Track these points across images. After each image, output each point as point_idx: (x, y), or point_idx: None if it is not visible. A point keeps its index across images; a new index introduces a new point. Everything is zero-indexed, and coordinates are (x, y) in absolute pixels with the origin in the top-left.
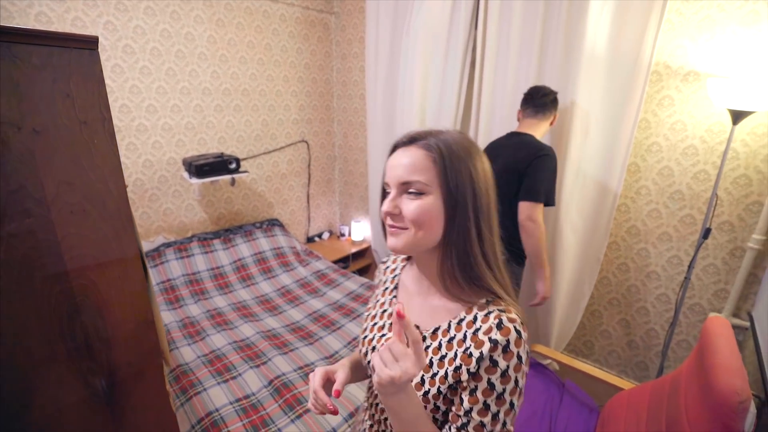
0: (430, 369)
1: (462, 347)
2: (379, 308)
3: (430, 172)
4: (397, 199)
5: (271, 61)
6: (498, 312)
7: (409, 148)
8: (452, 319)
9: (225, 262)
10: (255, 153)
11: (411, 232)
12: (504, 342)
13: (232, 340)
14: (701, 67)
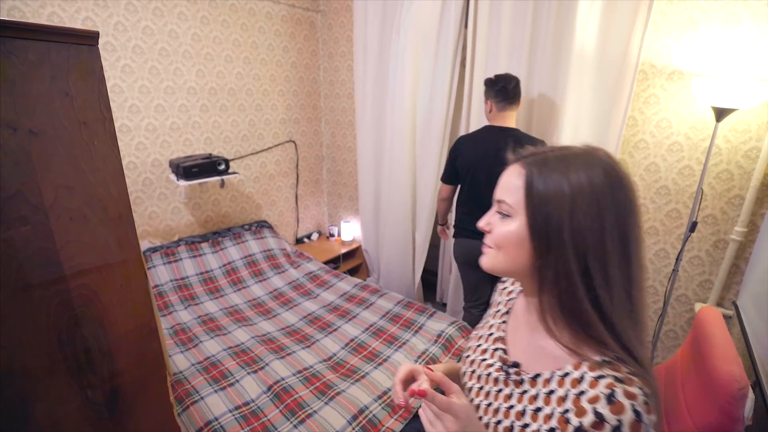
0: (522, 417)
1: (561, 407)
2: (487, 330)
3: (517, 194)
4: (492, 216)
5: (257, 59)
6: (612, 380)
7: (514, 164)
8: (557, 370)
9: (214, 265)
10: (242, 154)
11: (495, 252)
12: (614, 422)
13: (226, 346)
14: (685, 67)
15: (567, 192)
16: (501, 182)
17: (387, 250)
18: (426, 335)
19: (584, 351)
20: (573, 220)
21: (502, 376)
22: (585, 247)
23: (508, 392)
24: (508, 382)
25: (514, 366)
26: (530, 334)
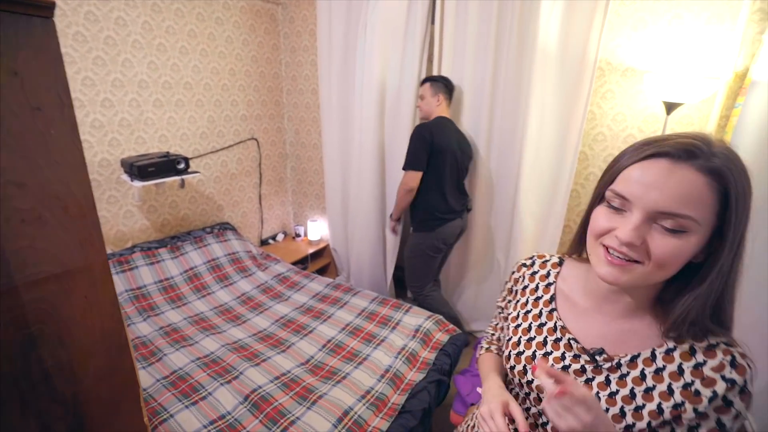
0: (632, 401)
1: (679, 382)
2: (533, 320)
3: (706, 209)
4: (641, 228)
5: (215, 52)
6: (725, 346)
7: (683, 166)
8: (657, 347)
9: (175, 272)
10: (201, 152)
11: (647, 270)
12: (742, 382)
13: (194, 357)
14: (637, 64)
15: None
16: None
17: (357, 248)
18: (404, 331)
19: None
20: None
21: (589, 365)
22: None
23: (602, 380)
24: (599, 370)
25: (601, 353)
26: (612, 318)
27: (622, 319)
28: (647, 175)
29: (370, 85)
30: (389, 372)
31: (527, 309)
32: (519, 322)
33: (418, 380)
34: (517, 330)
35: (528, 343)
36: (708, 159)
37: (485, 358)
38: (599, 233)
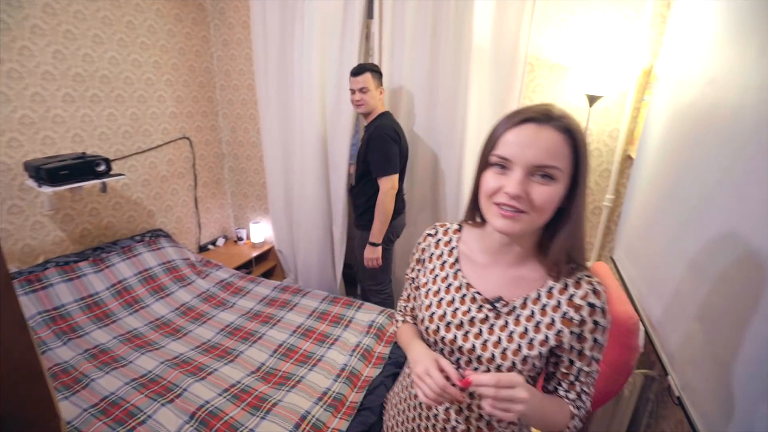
0: (525, 335)
1: (558, 313)
2: (441, 282)
3: (566, 159)
4: (524, 181)
5: (136, 42)
6: (588, 278)
7: (545, 127)
8: (540, 288)
9: (100, 287)
10: (125, 153)
11: (531, 217)
12: (601, 305)
13: (129, 379)
14: (562, 60)
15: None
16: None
17: (304, 248)
18: (357, 328)
19: (558, 268)
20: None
21: (491, 312)
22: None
23: (502, 323)
24: (499, 315)
25: (499, 300)
26: (505, 269)
27: (514, 268)
28: (521, 137)
29: (309, 80)
30: (345, 371)
31: (435, 273)
32: (429, 287)
33: (374, 376)
34: (428, 294)
35: (439, 303)
36: (560, 120)
37: (404, 329)
38: (491, 193)
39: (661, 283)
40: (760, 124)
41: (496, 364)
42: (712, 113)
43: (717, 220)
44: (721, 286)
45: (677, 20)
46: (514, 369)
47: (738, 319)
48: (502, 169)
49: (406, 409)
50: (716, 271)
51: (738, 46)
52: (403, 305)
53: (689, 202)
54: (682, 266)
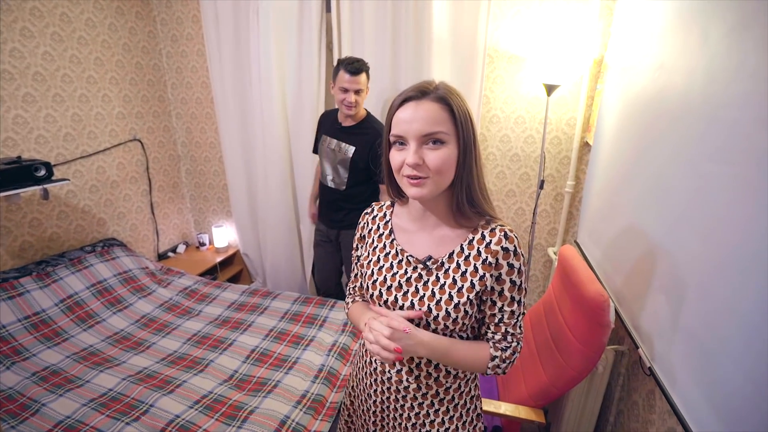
0: (455, 285)
1: (479, 260)
2: (380, 253)
3: (448, 123)
4: (419, 151)
5: (73, 37)
6: (500, 227)
7: (422, 101)
8: (462, 242)
9: (47, 304)
10: (68, 157)
11: (433, 179)
12: (513, 248)
13: (86, 400)
14: (519, 51)
15: (467, 110)
16: (424, 118)
17: (271, 250)
18: (332, 327)
19: (474, 223)
20: (474, 129)
21: (423, 271)
22: (477, 149)
23: (434, 279)
24: (431, 271)
25: (429, 258)
26: (430, 232)
27: (437, 229)
28: (405, 114)
29: (268, 76)
30: (323, 371)
31: (374, 246)
32: (370, 258)
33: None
34: (369, 265)
35: (379, 271)
36: (435, 92)
37: (354, 307)
38: (398, 167)
39: (625, 260)
40: (706, 104)
41: (432, 315)
42: (662, 97)
43: (673, 197)
44: (679, 258)
45: (623, 11)
46: (449, 317)
47: (698, 287)
48: (401, 146)
49: (364, 377)
50: (674, 244)
51: (682, 33)
52: (352, 287)
53: (646, 182)
54: (643, 243)
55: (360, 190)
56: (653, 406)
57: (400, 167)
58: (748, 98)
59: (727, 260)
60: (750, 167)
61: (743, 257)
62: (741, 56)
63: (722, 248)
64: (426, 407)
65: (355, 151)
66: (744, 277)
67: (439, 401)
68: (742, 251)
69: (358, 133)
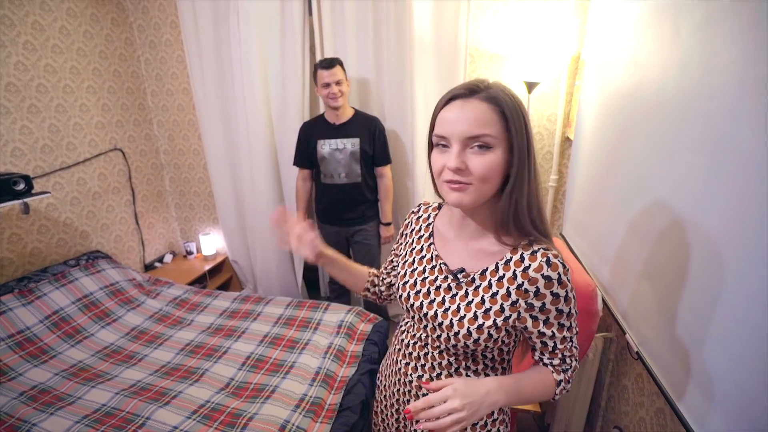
0: (482, 305)
1: (513, 284)
2: (416, 255)
3: (497, 126)
4: (462, 155)
5: (46, 46)
6: (543, 251)
7: (471, 100)
8: (499, 260)
9: (31, 321)
10: (46, 169)
11: (477, 187)
12: (556, 276)
13: (79, 417)
14: (499, 50)
15: (525, 115)
16: (470, 119)
17: (261, 255)
18: (327, 329)
19: (517, 242)
20: (530, 137)
21: (453, 283)
22: (533, 159)
23: (462, 293)
24: (460, 285)
25: (461, 271)
26: (465, 244)
27: (475, 241)
28: (451, 114)
29: (251, 80)
30: (320, 374)
31: (413, 247)
32: (406, 259)
33: (350, 375)
34: (404, 265)
35: (411, 273)
36: (485, 91)
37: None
38: (438, 171)
39: (609, 250)
40: (681, 98)
41: (454, 331)
42: (638, 91)
43: (653, 187)
44: (661, 245)
45: (597, 8)
46: (470, 337)
47: (679, 273)
48: (444, 147)
49: (391, 374)
50: (656, 233)
51: (654, 29)
52: (381, 277)
53: (627, 174)
54: (625, 232)
55: (373, 178)
56: (642, 388)
57: (441, 171)
58: (719, 91)
59: (705, 247)
60: (724, 158)
61: (720, 244)
62: (711, 51)
63: (700, 235)
64: None
65: (360, 141)
66: (721, 262)
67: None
68: (719, 238)
69: (355, 125)
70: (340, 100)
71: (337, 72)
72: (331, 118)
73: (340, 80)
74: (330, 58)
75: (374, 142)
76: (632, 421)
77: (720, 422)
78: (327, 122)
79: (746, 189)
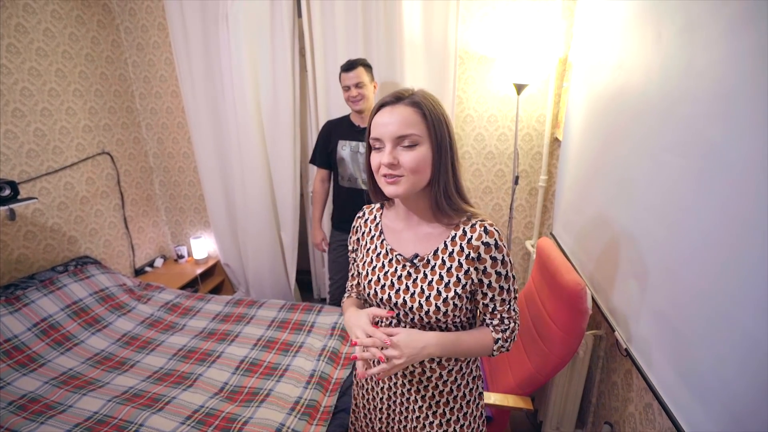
0: (441, 281)
1: (462, 255)
2: (372, 253)
3: (420, 126)
4: (393, 152)
5: (30, 48)
6: (480, 222)
7: (397, 106)
8: (446, 239)
9: (19, 329)
10: (32, 174)
11: (409, 178)
12: (493, 241)
13: (71, 426)
14: (488, 52)
15: (444, 114)
16: (397, 122)
17: (253, 259)
18: (320, 332)
19: (455, 220)
20: (450, 132)
21: (411, 269)
22: (454, 150)
23: (422, 276)
24: (418, 269)
25: (416, 257)
26: (414, 232)
27: (421, 227)
28: (382, 118)
29: (241, 82)
30: (314, 376)
31: (368, 247)
32: (364, 259)
33: (345, 377)
34: (364, 266)
35: (373, 271)
36: (410, 98)
37: (346, 303)
38: (376, 168)
39: (597, 249)
40: (663, 101)
41: (424, 311)
42: (623, 94)
43: (638, 187)
44: (647, 244)
45: (583, 13)
46: (438, 311)
47: (664, 270)
48: (378, 149)
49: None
50: (641, 232)
51: (638, 33)
52: (349, 285)
53: (613, 174)
54: (613, 231)
55: None
56: (631, 384)
57: (378, 168)
58: (698, 95)
59: (688, 244)
60: (703, 159)
61: (702, 242)
62: (690, 56)
63: (684, 233)
64: (431, 389)
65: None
66: (704, 259)
67: (443, 383)
68: (700, 237)
69: None
70: (361, 104)
71: (358, 74)
72: (355, 120)
73: (360, 82)
74: (352, 60)
75: None
76: (622, 417)
77: (705, 417)
78: (351, 123)
79: (724, 189)
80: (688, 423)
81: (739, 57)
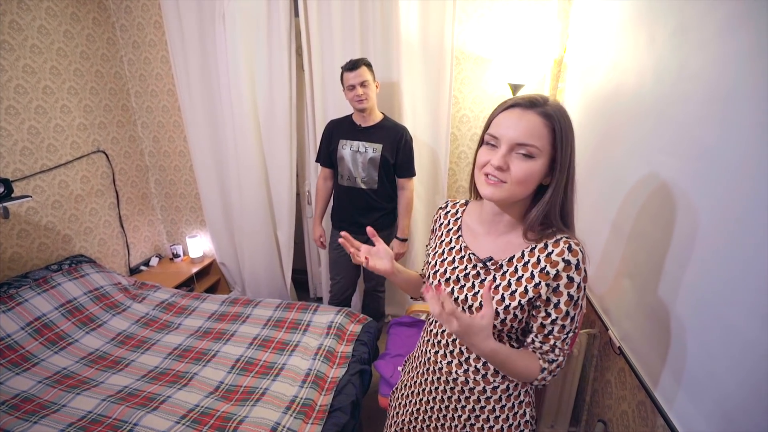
0: (509, 288)
1: (537, 268)
2: (446, 246)
3: (544, 140)
4: (507, 156)
5: (24, 45)
6: (566, 239)
7: (528, 112)
8: (525, 249)
9: (12, 328)
10: (26, 172)
11: (510, 187)
12: (575, 261)
13: (64, 425)
14: (484, 53)
15: (573, 136)
16: (523, 128)
17: (249, 258)
18: (316, 330)
19: (543, 239)
20: (573, 156)
21: (482, 270)
22: (572, 175)
23: (491, 278)
24: (489, 272)
25: (490, 259)
26: (495, 237)
27: (503, 235)
28: (508, 119)
29: (237, 81)
30: (310, 375)
31: (442, 239)
32: (437, 250)
33: (340, 376)
34: (435, 256)
35: (441, 263)
36: (543, 107)
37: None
38: (482, 165)
39: (592, 248)
40: (656, 102)
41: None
42: (617, 95)
43: (631, 187)
44: (639, 243)
45: (578, 14)
46: (497, 317)
47: (656, 270)
48: (492, 147)
49: (419, 365)
50: (634, 231)
51: (632, 35)
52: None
53: (607, 174)
54: (607, 231)
55: (392, 187)
56: (624, 382)
57: (483, 164)
58: (691, 97)
59: (681, 244)
60: (695, 160)
61: (694, 242)
62: (683, 58)
63: (677, 233)
64: (473, 402)
65: (383, 148)
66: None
67: (486, 399)
68: (692, 237)
69: (381, 131)
70: (365, 103)
71: (362, 73)
72: (357, 120)
73: (365, 81)
74: (355, 60)
75: (398, 151)
76: (615, 414)
77: (697, 414)
78: (353, 123)
79: (718, 190)
80: (680, 421)
81: (732, 59)
